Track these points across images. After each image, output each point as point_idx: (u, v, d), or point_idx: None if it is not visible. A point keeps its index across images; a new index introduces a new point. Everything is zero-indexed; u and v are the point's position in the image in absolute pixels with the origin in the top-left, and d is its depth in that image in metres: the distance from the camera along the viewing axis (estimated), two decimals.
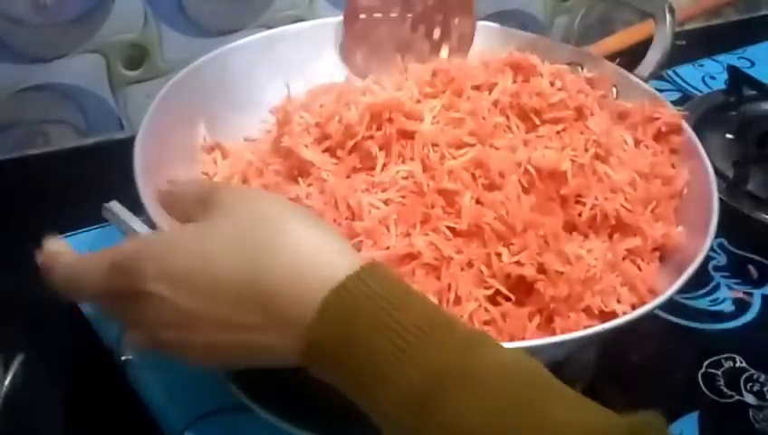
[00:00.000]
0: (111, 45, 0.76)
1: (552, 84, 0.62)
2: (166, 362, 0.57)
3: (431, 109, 0.58)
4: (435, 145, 0.56)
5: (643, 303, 0.53)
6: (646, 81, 0.67)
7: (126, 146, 0.54)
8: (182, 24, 0.79)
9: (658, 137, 0.64)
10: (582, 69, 0.69)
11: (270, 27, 0.81)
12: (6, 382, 0.51)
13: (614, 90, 0.67)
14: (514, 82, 0.63)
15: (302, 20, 0.83)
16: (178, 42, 0.79)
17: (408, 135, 0.57)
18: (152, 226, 0.47)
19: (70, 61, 0.75)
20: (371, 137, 0.56)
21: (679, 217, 0.60)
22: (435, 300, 0.49)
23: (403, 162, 0.56)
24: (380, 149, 0.56)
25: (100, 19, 0.75)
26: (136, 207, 0.49)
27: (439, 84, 0.62)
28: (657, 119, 0.64)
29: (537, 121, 0.60)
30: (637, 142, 0.63)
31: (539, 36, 0.71)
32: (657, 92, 0.67)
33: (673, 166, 0.62)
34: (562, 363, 0.58)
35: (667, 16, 0.67)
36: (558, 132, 0.60)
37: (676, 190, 0.61)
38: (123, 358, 0.57)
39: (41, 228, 0.66)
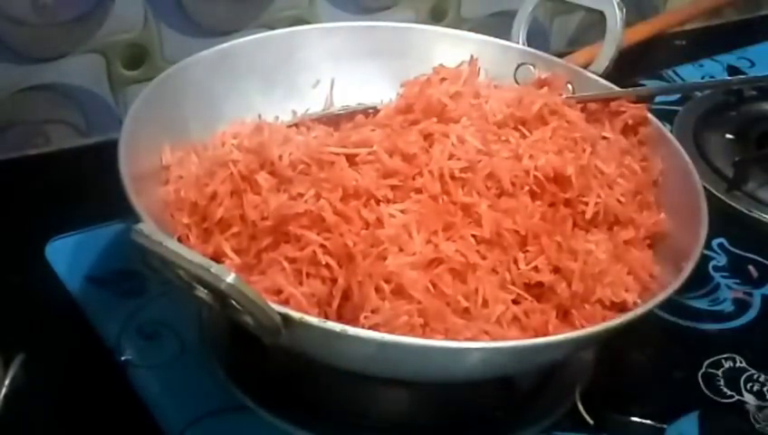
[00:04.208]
0: (111, 45, 0.76)
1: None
2: (166, 362, 0.57)
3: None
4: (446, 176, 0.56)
5: (647, 289, 0.54)
6: (601, 76, 0.68)
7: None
8: (182, 24, 0.79)
9: (625, 130, 0.64)
10: (534, 69, 0.69)
11: (270, 27, 0.82)
12: (7, 382, 0.51)
13: (570, 87, 0.68)
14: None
15: (302, 20, 0.83)
16: (178, 42, 0.79)
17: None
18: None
19: (70, 61, 0.75)
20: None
21: (665, 206, 0.60)
22: (464, 303, 0.50)
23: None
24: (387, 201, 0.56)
25: (100, 19, 0.75)
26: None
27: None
28: (623, 112, 0.64)
29: (526, 132, 0.60)
30: (604, 137, 0.63)
31: (490, 39, 0.71)
32: (614, 86, 0.67)
33: (644, 156, 0.63)
34: (563, 363, 0.58)
35: (617, 12, 0.67)
36: (550, 136, 0.60)
37: (652, 179, 0.62)
38: (123, 358, 0.57)
39: (41, 228, 0.66)
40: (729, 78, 0.96)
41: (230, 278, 0.41)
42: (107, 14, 0.75)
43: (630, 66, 0.70)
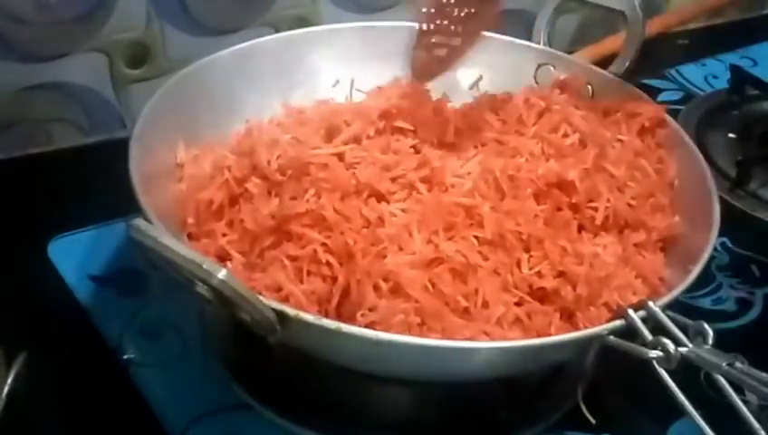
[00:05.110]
0: (114, 44, 0.76)
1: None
2: (168, 361, 0.57)
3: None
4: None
5: (656, 292, 0.54)
6: (621, 77, 0.68)
7: (129, 145, 0.54)
8: (185, 23, 0.79)
9: (642, 132, 0.64)
10: (554, 69, 0.69)
11: (273, 26, 0.82)
12: (9, 381, 0.51)
13: (589, 88, 0.68)
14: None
15: (304, 19, 0.83)
16: (181, 40, 0.79)
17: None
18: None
19: (72, 60, 0.75)
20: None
21: (677, 209, 0.60)
22: (464, 303, 0.50)
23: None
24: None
25: (102, 18, 0.75)
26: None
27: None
28: (640, 114, 0.64)
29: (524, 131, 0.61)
30: (619, 139, 0.63)
31: (510, 39, 0.71)
32: (634, 87, 0.67)
33: (660, 159, 0.63)
34: (564, 364, 0.58)
35: (638, 13, 0.67)
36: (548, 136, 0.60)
37: (667, 182, 0.61)
38: (125, 357, 0.57)
39: (43, 227, 0.66)
40: None
41: (221, 274, 0.41)
42: (110, 13, 0.75)
43: (633, 65, 0.69)
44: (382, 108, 0.61)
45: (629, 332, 0.48)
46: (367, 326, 0.46)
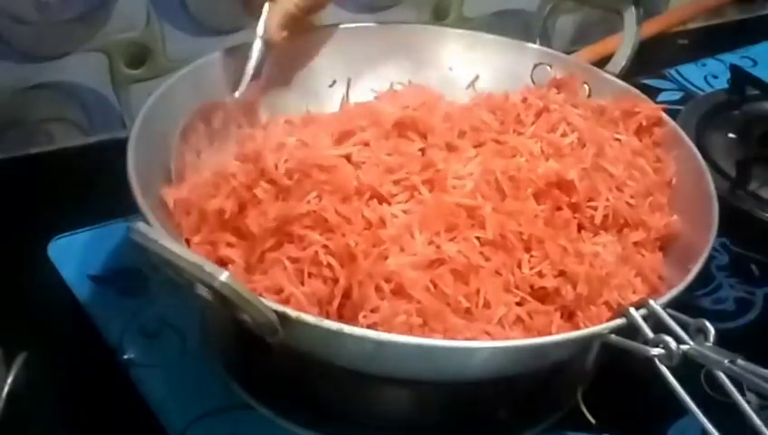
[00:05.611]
0: (114, 44, 0.76)
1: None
2: (168, 361, 0.57)
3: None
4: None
5: (656, 291, 0.54)
6: (617, 76, 0.68)
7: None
8: (185, 23, 0.79)
9: (640, 131, 0.64)
10: (551, 69, 0.69)
11: None
12: (9, 381, 0.51)
13: (586, 87, 0.68)
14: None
15: None
16: (181, 40, 0.79)
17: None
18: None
19: (73, 59, 0.75)
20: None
21: (676, 207, 0.60)
22: (465, 303, 0.50)
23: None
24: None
25: (102, 18, 0.75)
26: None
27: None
28: (637, 113, 0.64)
29: (523, 131, 0.61)
30: (617, 139, 0.63)
31: (506, 39, 0.72)
32: (630, 87, 0.67)
33: (658, 158, 0.63)
34: (564, 364, 0.58)
35: (634, 11, 0.67)
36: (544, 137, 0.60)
37: (665, 181, 0.62)
38: (125, 357, 0.57)
39: (43, 227, 0.66)
40: None
41: (223, 277, 0.41)
42: (110, 13, 0.75)
43: (632, 65, 0.70)
44: (397, 117, 0.60)
45: (630, 330, 0.48)
46: (369, 327, 0.46)
